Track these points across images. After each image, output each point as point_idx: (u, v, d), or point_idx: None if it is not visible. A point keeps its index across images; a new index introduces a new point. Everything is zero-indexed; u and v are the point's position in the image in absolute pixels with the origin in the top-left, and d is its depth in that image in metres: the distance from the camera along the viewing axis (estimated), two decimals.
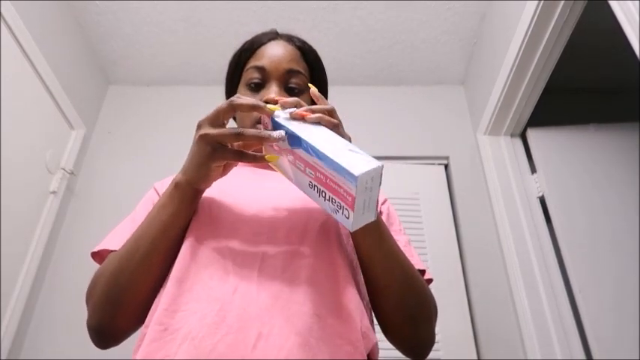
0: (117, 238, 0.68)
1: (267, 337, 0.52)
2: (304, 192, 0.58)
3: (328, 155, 0.50)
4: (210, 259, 0.59)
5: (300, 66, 0.78)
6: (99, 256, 0.69)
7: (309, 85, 0.68)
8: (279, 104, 0.60)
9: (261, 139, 0.56)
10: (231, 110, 0.57)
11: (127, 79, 2.24)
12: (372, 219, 0.52)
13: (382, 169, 0.50)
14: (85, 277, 0.67)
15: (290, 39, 0.81)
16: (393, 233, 0.74)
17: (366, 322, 0.60)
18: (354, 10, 1.93)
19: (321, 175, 0.53)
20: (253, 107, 0.57)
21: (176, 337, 0.53)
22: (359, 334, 0.57)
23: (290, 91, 0.75)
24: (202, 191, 0.63)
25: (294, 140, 0.55)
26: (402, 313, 0.65)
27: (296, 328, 0.53)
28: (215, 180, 0.61)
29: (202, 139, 0.56)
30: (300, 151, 0.55)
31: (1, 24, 1.51)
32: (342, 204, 0.51)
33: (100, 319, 0.61)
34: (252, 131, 0.56)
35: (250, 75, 0.76)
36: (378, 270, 0.63)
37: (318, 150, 0.52)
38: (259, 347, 0.51)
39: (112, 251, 0.66)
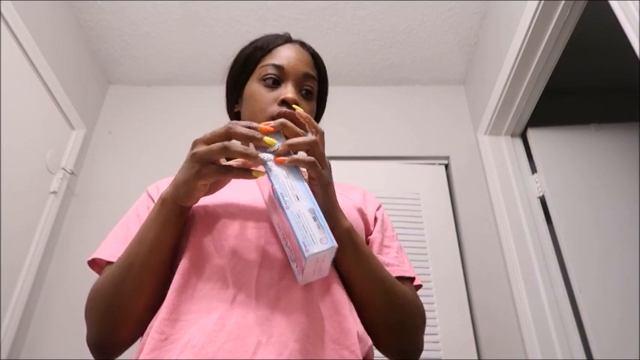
0: (111, 247, 0.68)
1: (266, 344, 0.53)
2: (273, 223, 0.62)
3: (292, 223, 0.54)
4: (209, 269, 0.60)
5: (314, 72, 0.80)
6: (95, 264, 0.69)
7: (295, 106, 0.69)
8: (268, 127, 0.59)
9: (247, 157, 0.55)
10: (226, 137, 0.56)
11: (127, 79, 2.24)
12: (324, 275, 0.57)
13: (334, 250, 0.53)
14: (86, 277, 0.67)
15: (303, 44, 0.84)
16: (386, 239, 0.75)
17: (360, 326, 0.62)
18: (354, 10, 1.93)
19: (285, 227, 0.56)
20: (249, 139, 0.57)
21: (176, 346, 0.53)
22: (355, 338, 0.58)
23: (304, 94, 0.77)
24: (189, 208, 0.63)
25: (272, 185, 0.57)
26: (385, 325, 0.65)
27: (294, 335, 0.54)
28: (200, 197, 0.60)
29: (192, 158, 0.57)
30: (275, 195, 0.57)
31: (1, 24, 1.51)
32: (296, 260, 0.55)
33: (98, 336, 0.62)
34: (238, 147, 0.55)
35: (266, 71, 0.77)
36: (357, 287, 0.64)
37: (285, 211, 0.54)
38: (259, 354, 0.52)
39: (107, 261, 0.67)
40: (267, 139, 0.58)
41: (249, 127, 0.57)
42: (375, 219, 0.78)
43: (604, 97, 2.25)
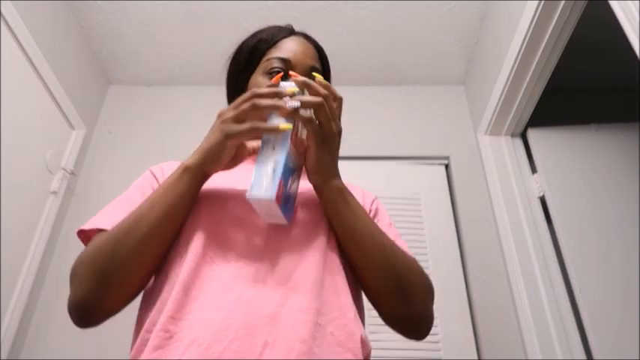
0: (110, 218, 0.66)
1: (272, 345, 0.52)
2: None
3: (255, 166, 0.59)
4: (216, 267, 0.59)
5: (319, 65, 0.81)
6: (86, 235, 0.67)
7: (314, 74, 0.68)
8: (291, 79, 0.63)
9: (277, 108, 0.59)
10: (253, 97, 0.60)
11: (127, 79, 2.24)
12: (283, 223, 0.62)
13: (273, 203, 0.56)
14: None
15: (307, 37, 0.83)
16: (382, 227, 0.75)
17: (363, 330, 0.61)
18: (354, 10, 1.93)
19: None
20: (275, 94, 0.60)
21: (181, 344, 0.52)
22: (358, 342, 0.58)
23: None
24: (208, 177, 0.64)
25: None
26: (386, 288, 0.64)
27: (301, 337, 0.53)
28: (224, 163, 0.62)
29: (224, 122, 0.61)
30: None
31: (1, 24, 1.51)
32: None
33: (85, 297, 0.59)
34: (267, 101, 0.59)
35: (272, 64, 0.76)
36: (355, 249, 0.65)
37: (258, 155, 0.60)
38: (266, 355, 0.51)
39: (101, 230, 0.64)
40: (288, 89, 0.62)
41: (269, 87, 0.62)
42: (369, 212, 0.78)
43: (604, 97, 2.25)
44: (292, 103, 0.59)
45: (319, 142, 0.62)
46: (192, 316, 0.54)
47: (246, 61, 0.81)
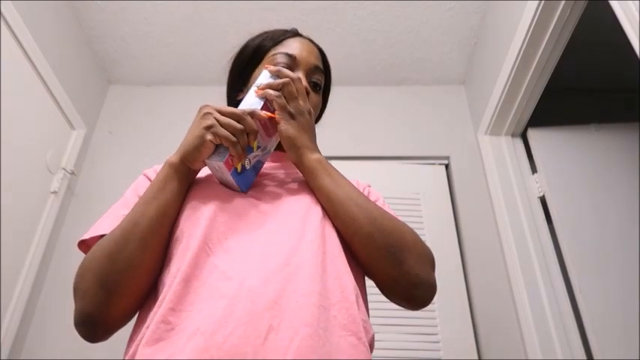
0: (109, 225, 0.65)
1: (277, 329, 0.52)
2: None
3: None
4: (215, 257, 0.59)
5: (322, 66, 0.84)
6: (86, 245, 0.67)
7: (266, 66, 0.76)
8: (266, 69, 0.73)
9: (239, 153, 0.64)
10: (240, 120, 0.65)
11: (128, 79, 2.24)
12: (236, 189, 0.68)
13: (222, 167, 0.64)
14: None
15: (311, 40, 0.86)
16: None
17: (365, 314, 0.61)
18: (354, 10, 1.93)
19: None
20: (253, 135, 0.67)
21: (182, 336, 0.52)
22: (360, 326, 0.58)
23: (312, 86, 0.80)
24: (194, 172, 0.68)
25: None
26: (378, 252, 0.64)
27: (305, 320, 0.53)
28: (203, 158, 0.64)
29: (208, 116, 0.66)
30: None
31: (2, 24, 1.51)
32: None
33: (92, 308, 0.58)
34: (243, 144, 0.65)
35: (278, 59, 0.78)
36: (342, 213, 0.66)
37: None
38: (270, 339, 0.51)
39: (101, 237, 0.64)
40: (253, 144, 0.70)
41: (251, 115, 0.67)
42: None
43: (604, 97, 2.25)
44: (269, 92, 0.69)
45: (286, 117, 0.69)
46: (194, 307, 0.54)
47: (252, 57, 0.83)
